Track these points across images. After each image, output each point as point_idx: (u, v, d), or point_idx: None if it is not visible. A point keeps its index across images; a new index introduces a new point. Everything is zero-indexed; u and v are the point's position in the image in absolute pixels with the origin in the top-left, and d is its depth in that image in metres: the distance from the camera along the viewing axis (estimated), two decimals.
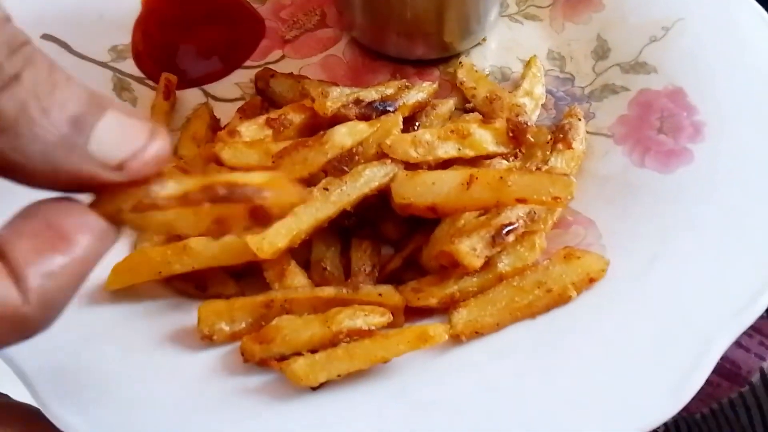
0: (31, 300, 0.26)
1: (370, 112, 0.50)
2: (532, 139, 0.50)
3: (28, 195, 0.27)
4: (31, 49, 0.26)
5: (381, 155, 0.47)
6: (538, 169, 0.49)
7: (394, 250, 0.48)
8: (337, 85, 0.55)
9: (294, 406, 0.39)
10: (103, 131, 0.26)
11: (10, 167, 0.26)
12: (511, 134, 0.49)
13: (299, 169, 0.46)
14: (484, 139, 0.49)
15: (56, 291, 0.27)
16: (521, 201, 0.43)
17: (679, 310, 0.43)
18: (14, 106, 0.25)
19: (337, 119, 0.49)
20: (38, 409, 0.74)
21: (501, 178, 0.43)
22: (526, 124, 0.49)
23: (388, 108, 0.50)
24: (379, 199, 0.47)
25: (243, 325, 0.42)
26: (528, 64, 0.57)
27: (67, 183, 0.27)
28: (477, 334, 0.42)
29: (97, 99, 0.27)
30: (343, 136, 0.47)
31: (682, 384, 0.40)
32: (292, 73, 0.57)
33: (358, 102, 0.50)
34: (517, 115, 0.51)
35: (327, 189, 0.45)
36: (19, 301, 0.26)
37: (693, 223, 0.46)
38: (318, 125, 0.51)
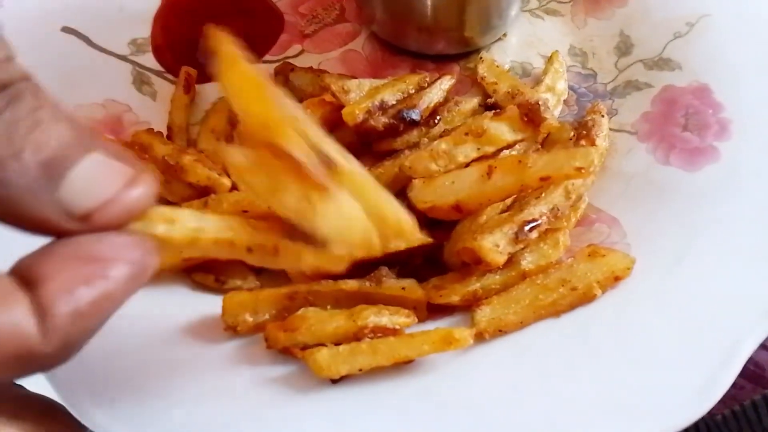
0: (51, 341, 0.24)
1: (397, 122, 0.49)
2: (547, 117, 0.49)
3: None
4: (23, 86, 0.24)
5: None
6: None
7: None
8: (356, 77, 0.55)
9: (314, 398, 0.39)
10: (78, 177, 0.24)
11: None
12: (525, 118, 0.48)
13: None
14: (501, 130, 0.48)
15: (80, 333, 0.25)
16: (545, 179, 0.42)
17: (706, 310, 0.42)
18: None
19: (364, 129, 0.49)
20: (55, 402, 0.74)
21: (519, 161, 0.43)
22: (538, 104, 0.49)
23: (413, 116, 0.50)
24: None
25: (266, 316, 0.42)
26: (550, 60, 0.57)
27: (32, 227, 0.25)
28: (500, 332, 0.42)
29: (82, 140, 0.25)
30: None
31: (710, 385, 0.39)
32: (311, 67, 0.57)
33: (383, 108, 0.49)
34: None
35: None
36: (38, 340, 0.24)
37: (720, 222, 0.46)
38: (338, 120, 0.51)
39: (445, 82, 0.53)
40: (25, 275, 0.24)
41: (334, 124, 0.52)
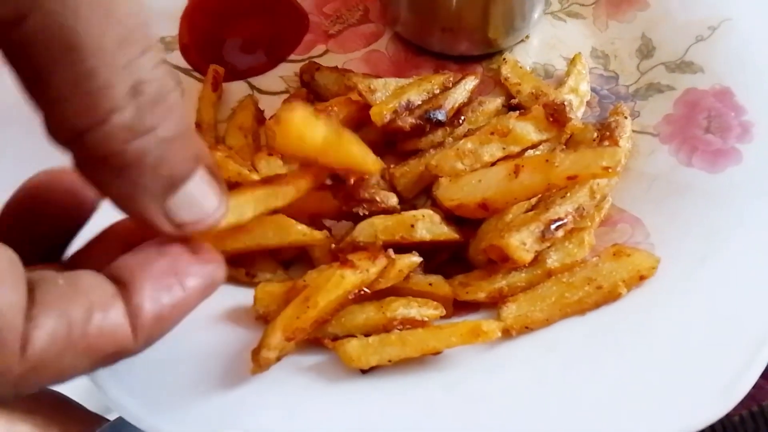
0: (138, 340, 0.27)
1: (423, 123, 0.50)
2: (572, 118, 0.49)
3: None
4: (174, 99, 0.27)
5: None
6: None
7: None
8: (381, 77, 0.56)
9: (344, 388, 0.40)
10: (187, 193, 0.28)
11: (96, 184, 0.27)
12: (551, 118, 0.49)
13: None
14: (526, 130, 0.49)
15: (159, 334, 0.29)
16: (572, 178, 0.43)
17: (730, 310, 0.42)
18: (135, 154, 0.26)
19: (391, 128, 0.50)
20: (68, 397, 0.75)
21: (547, 160, 0.44)
22: (563, 104, 0.49)
23: (439, 117, 0.51)
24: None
25: None
26: (573, 61, 0.57)
27: (132, 216, 0.28)
28: (527, 329, 0.42)
29: (196, 155, 0.28)
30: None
31: (733, 384, 0.40)
32: (336, 66, 0.57)
33: (409, 108, 0.50)
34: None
35: None
36: (130, 339, 0.27)
37: (743, 223, 0.46)
38: (363, 118, 0.52)
39: (469, 83, 0.54)
40: (117, 277, 0.28)
41: (359, 122, 0.53)
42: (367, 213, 0.44)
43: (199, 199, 0.28)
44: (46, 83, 0.24)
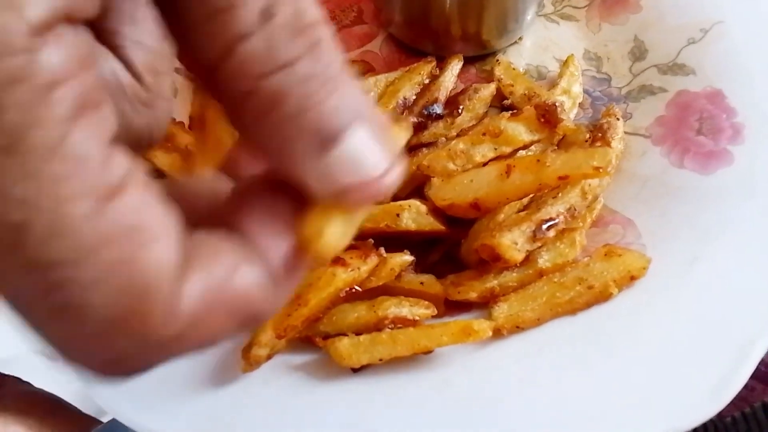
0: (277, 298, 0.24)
1: (424, 119, 0.51)
2: (563, 119, 0.50)
3: None
4: (318, 34, 0.22)
5: None
6: None
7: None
8: (373, 69, 0.57)
9: (335, 387, 0.40)
10: (348, 149, 0.22)
11: (248, 137, 0.23)
12: (542, 119, 0.49)
13: None
14: (517, 131, 0.49)
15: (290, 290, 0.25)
16: (563, 178, 0.43)
17: (720, 311, 0.42)
18: (270, 94, 0.21)
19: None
20: (61, 399, 0.74)
21: (538, 160, 0.44)
22: (555, 105, 0.50)
23: (437, 111, 0.51)
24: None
25: None
26: (565, 63, 0.58)
27: (282, 172, 0.23)
28: (518, 328, 0.42)
29: (362, 107, 0.22)
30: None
31: (723, 385, 0.40)
32: None
33: (406, 105, 0.51)
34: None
35: None
36: (271, 298, 0.23)
37: (733, 224, 0.46)
38: None
39: (455, 66, 0.55)
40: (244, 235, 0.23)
41: None
42: None
43: (368, 158, 0.22)
44: (178, 10, 0.21)
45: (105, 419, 0.71)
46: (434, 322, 0.41)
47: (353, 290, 0.40)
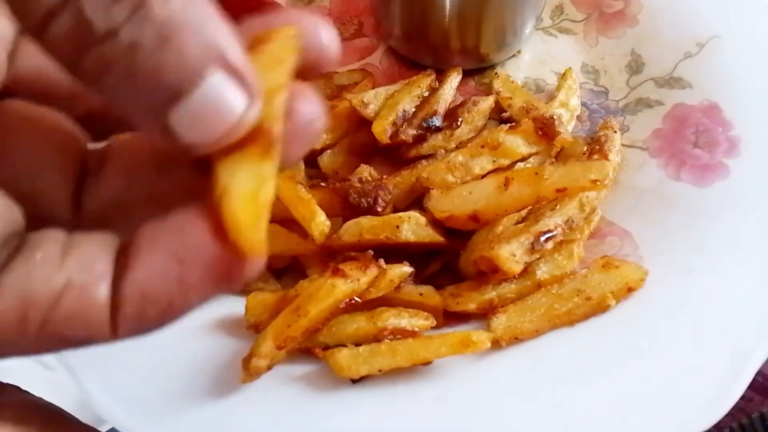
0: (118, 330, 0.22)
1: (423, 132, 0.52)
2: (561, 132, 0.50)
3: None
4: None
5: None
6: None
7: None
8: (372, 76, 0.58)
9: (334, 398, 0.40)
10: (196, 101, 0.21)
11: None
12: (540, 132, 0.50)
13: None
14: (516, 144, 0.50)
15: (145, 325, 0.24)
16: (561, 191, 0.43)
17: (717, 322, 0.43)
18: (95, 67, 0.20)
19: (395, 144, 0.51)
20: (59, 408, 0.74)
21: (536, 173, 0.44)
22: (552, 118, 0.50)
23: (436, 123, 0.52)
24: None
25: None
26: (563, 76, 0.58)
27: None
28: (516, 339, 0.43)
29: (211, 51, 0.20)
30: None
31: (721, 395, 0.40)
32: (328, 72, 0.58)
33: (406, 118, 0.51)
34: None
35: None
36: (106, 328, 0.22)
37: (730, 236, 0.47)
38: (361, 119, 0.53)
39: (454, 79, 0.56)
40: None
41: (359, 123, 0.54)
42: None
43: (218, 104, 0.21)
44: None
45: (104, 429, 0.72)
46: (433, 333, 0.42)
47: (353, 301, 0.41)
